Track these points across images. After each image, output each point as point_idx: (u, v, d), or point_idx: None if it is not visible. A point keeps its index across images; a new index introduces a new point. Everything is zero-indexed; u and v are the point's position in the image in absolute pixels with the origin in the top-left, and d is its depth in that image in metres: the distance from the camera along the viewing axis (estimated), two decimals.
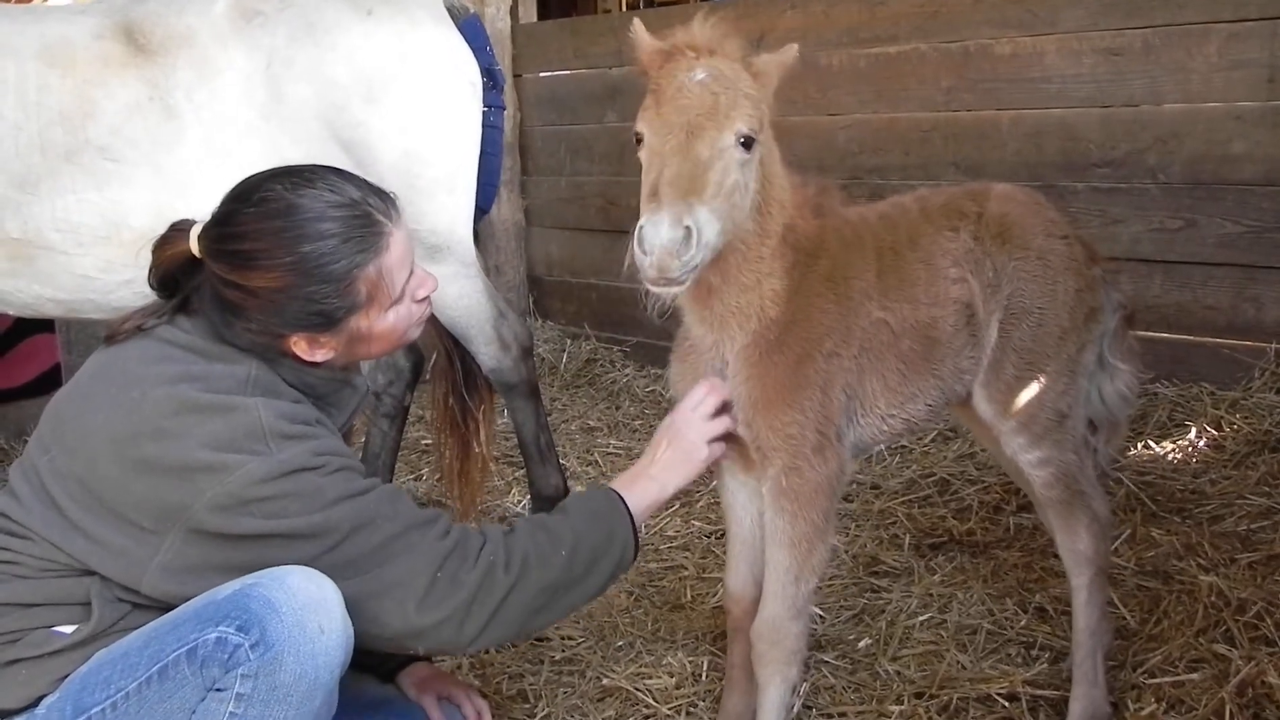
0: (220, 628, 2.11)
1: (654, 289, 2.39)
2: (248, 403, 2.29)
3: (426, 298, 2.60)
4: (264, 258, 2.34)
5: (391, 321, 2.50)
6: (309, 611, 2.15)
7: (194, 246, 2.40)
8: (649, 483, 2.70)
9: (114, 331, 2.45)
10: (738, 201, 2.47)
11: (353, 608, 2.26)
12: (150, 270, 2.48)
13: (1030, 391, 2.91)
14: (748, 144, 2.44)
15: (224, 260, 2.36)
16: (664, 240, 2.29)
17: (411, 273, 2.53)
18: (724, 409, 2.74)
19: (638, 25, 2.61)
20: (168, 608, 2.27)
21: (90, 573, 2.30)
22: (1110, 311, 3.07)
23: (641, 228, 2.32)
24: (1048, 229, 2.97)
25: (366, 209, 2.42)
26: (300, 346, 2.42)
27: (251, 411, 2.27)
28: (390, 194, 2.52)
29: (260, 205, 2.37)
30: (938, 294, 2.83)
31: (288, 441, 2.27)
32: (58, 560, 2.30)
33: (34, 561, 2.31)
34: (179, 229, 2.44)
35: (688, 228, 2.30)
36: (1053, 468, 2.95)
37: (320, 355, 2.45)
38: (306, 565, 2.23)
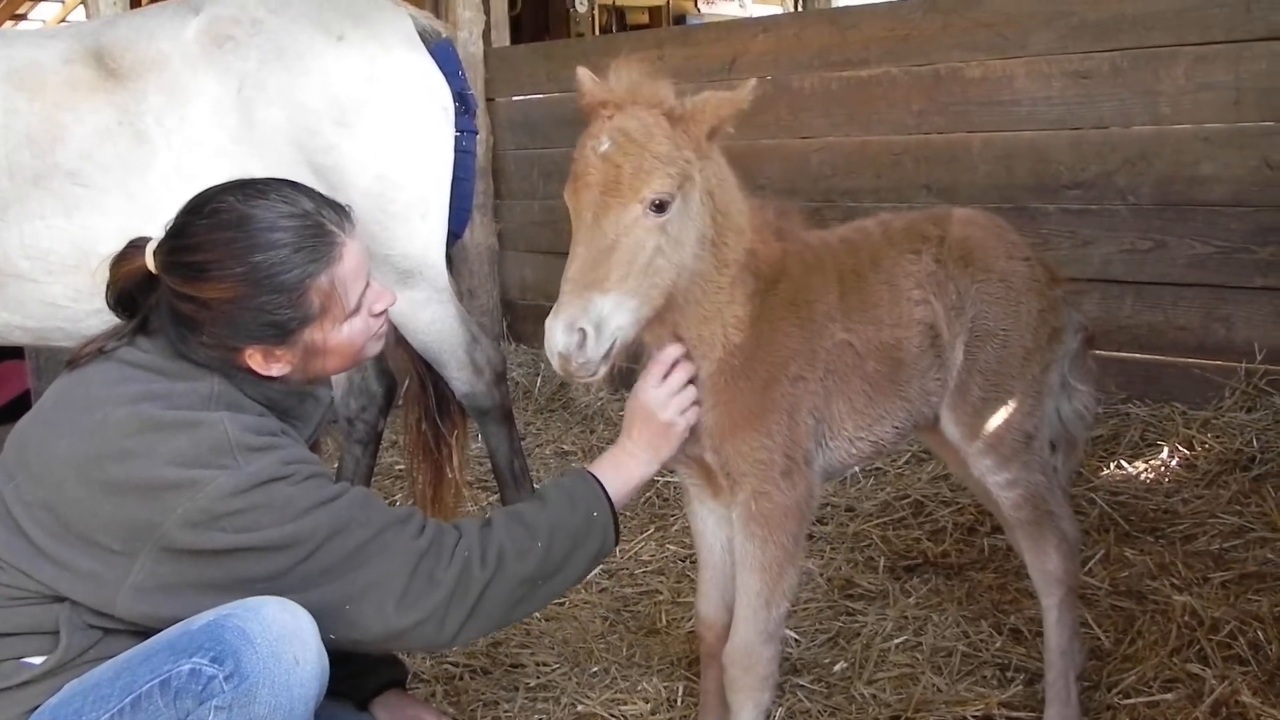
0: (194, 659, 2.10)
1: (573, 380, 2.46)
2: (212, 417, 2.28)
3: (384, 312, 2.59)
4: (216, 268, 2.33)
5: (347, 335, 2.48)
6: (284, 643, 2.13)
7: (150, 262, 2.39)
8: (629, 460, 2.67)
9: (75, 356, 2.44)
10: (662, 265, 2.46)
11: (332, 613, 2.25)
12: (108, 287, 2.47)
13: (996, 413, 2.91)
14: (662, 207, 2.43)
15: (178, 273, 2.35)
16: (559, 347, 2.36)
17: (368, 285, 2.52)
18: (688, 378, 2.70)
19: (581, 73, 2.62)
20: (140, 634, 2.25)
21: (60, 599, 2.27)
22: (1072, 332, 3.09)
23: (546, 326, 2.37)
24: (1009, 251, 2.98)
25: (319, 219, 2.41)
26: (255, 360, 2.40)
27: (216, 426, 2.26)
28: (346, 206, 2.52)
29: (212, 216, 2.37)
30: (901, 315, 2.83)
31: (255, 454, 2.26)
32: (26, 588, 2.27)
33: (2, 590, 2.28)
34: (135, 246, 2.44)
35: (582, 330, 2.34)
36: (1021, 489, 2.96)
37: (276, 369, 2.43)
38: (282, 575, 2.22)
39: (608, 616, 4.06)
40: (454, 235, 4.22)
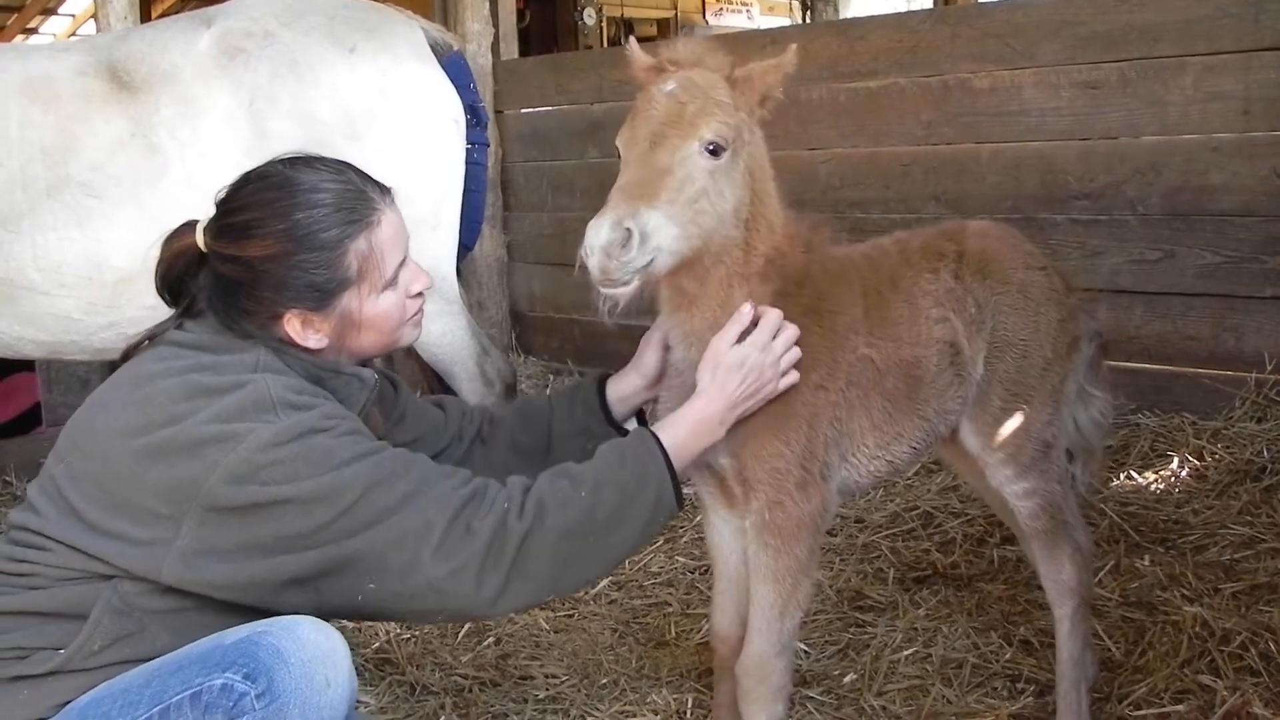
0: (227, 674, 2.10)
1: (600, 289, 2.38)
2: (255, 378, 2.30)
3: (420, 295, 2.61)
4: (258, 226, 2.39)
5: (384, 308, 2.50)
6: (317, 664, 2.13)
7: (200, 239, 2.43)
8: (703, 423, 2.54)
9: (130, 349, 2.49)
10: (706, 208, 2.45)
11: (373, 561, 2.23)
12: (157, 266, 2.50)
13: (1016, 423, 2.91)
14: (716, 151, 2.44)
15: (224, 237, 2.41)
16: (602, 240, 2.30)
17: (405, 262, 2.55)
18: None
19: (633, 43, 2.66)
20: (177, 635, 2.26)
21: (106, 577, 2.27)
22: (1088, 339, 3.09)
23: (587, 228, 2.33)
24: (1026, 261, 2.98)
25: (361, 187, 2.50)
26: (294, 326, 2.43)
27: (259, 384, 2.28)
28: (389, 188, 2.59)
29: (260, 180, 2.46)
30: (920, 334, 2.81)
31: (295, 410, 2.27)
32: (74, 566, 2.28)
33: (51, 571, 2.29)
34: (188, 225, 2.48)
35: (628, 229, 2.31)
36: (1039, 498, 2.95)
37: (313, 340, 2.45)
38: (324, 529, 2.21)
39: (617, 628, 4.05)
40: (464, 248, 4.23)
